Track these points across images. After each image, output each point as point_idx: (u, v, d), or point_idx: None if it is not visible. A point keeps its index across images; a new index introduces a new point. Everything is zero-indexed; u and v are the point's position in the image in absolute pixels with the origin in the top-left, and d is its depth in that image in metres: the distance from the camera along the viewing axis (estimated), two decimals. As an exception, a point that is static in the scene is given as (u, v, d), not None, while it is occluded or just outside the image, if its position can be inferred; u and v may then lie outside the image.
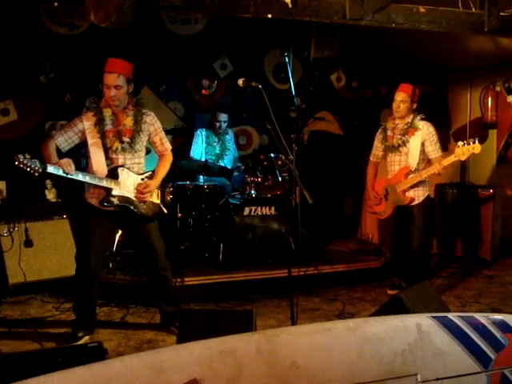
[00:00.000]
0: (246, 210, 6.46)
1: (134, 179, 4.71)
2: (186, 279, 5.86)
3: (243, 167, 6.92)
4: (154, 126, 4.82)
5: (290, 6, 4.85)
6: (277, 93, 8.12)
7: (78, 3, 4.38)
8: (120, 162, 4.65)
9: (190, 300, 5.73)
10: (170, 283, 5.09)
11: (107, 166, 4.59)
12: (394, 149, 5.79)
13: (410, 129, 5.72)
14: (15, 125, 6.85)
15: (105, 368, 2.17)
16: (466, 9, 5.38)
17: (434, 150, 5.68)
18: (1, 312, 5.50)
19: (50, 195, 6.56)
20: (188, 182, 6.85)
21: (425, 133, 5.68)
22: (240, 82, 4.07)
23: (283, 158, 6.05)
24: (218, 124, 7.11)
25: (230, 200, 6.74)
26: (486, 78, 8.25)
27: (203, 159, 6.82)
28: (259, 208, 6.50)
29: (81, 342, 4.65)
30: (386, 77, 8.57)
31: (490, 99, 8.14)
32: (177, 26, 7.57)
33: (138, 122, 4.69)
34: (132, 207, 4.67)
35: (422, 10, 5.29)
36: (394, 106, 5.76)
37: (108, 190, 4.56)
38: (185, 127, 7.85)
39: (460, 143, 5.40)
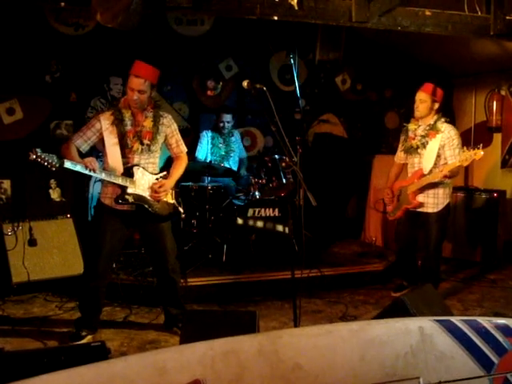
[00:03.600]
0: (250, 212, 6.47)
1: (148, 178, 4.74)
2: (189, 280, 5.87)
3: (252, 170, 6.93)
4: (170, 128, 4.86)
5: (296, 8, 4.85)
6: (282, 95, 8.12)
7: (85, 3, 4.39)
8: (135, 161, 4.68)
9: (193, 301, 5.73)
10: (178, 286, 5.10)
11: (123, 164, 4.62)
12: (414, 150, 5.68)
13: (431, 131, 5.57)
14: (20, 124, 6.86)
15: (108, 368, 2.17)
16: (471, 12, 5.38)
17: (451, 155, 5.50)
18: (4, 310, 5.51)
19: (55, 194, 6.57)
20: (192, 183, 6.85)
21: (445, 136, 5.52)
22: (245, 83, 4.08)
23: (287, 159, 6.04)
24: (221, 124, 7.11)
25: (234, 201, 6.75)
26: (491, 82, 8.24)
27: (208, 160, 6.83)
28: (263, 209, 6.51)
29: (84, 341, 4.65)
30: (391, 80, 8.58)
31: (494, 103, 8.12)
32: (182, 27, 7.57)
33: (156, 124, 4.73)
34: (146, 206, 4.68)
35: (427, 13, 5.29)
36: (415, 105, 5.64)
37: (123, 188, 4.59)
38: (189, 128, 7.86)
39: (464, 148, 5.29)
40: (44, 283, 6.02)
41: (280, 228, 6.53)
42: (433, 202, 5.63)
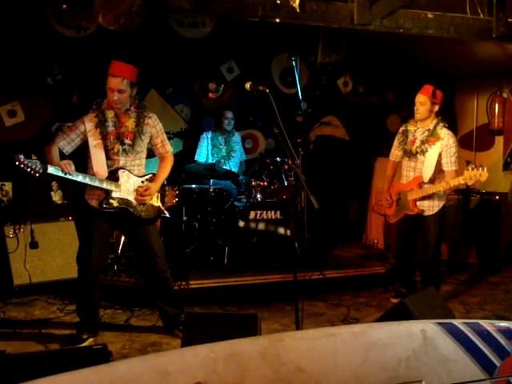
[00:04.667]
0: (252, 214, 6.47)
1: (134, 181, 4.72)
2: (190, 282, 5.86)
3: (249, 173, 6.92)
4: (155, 128, 4.83)
5: (298, 10, 4.85)
6: (283, 97, 8.12)
7: (87, 6, 4.40)
8: (121, 163, 4.66)
9: (195, 303, 5.72)
10: (171, 285, 5.08)
11: (108, 167, 4.60)
12: (412, 155, 5.68)
13: (432, 137, 5.56)
14: (22, 126, 6.86)
15: (109, 370, 2.17)
16: (474, 15, 5.38)
17: (447, 163, 5.52)
18: (5, 313, 5.50)
19: (56, 197, 6.57)
20: (194, 186, 6.85)
21: (444, 143, 5.52)
22: (247, 85, 4.08)
23: (289, 162, 6.05)
24: (226, 121, 7.12)
25: (236, 203, 6.74)
26: (493, 85, 8.24)
27: (209, 162, 6.83)
28: (265, 212, 6.50)
29: (85, 344, 4.66)
30: (393, 82, 8.58)
31: (496, 105, 8.12)
32: (184, 30, 7.58)
33: (139, 123, 4.70)
34: (131, 209, 4.68)
35: (429, 15, 5.30)
36: (415, 108, 5.63)
37: (108, 192, 4.57)
38: (191, 130, 7.85)
39: (469, 167, 5.24)
40: (45, 286, 6.02)
41: (282, 230, 6.53)
42: (428, 204, 5.66)
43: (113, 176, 4.60)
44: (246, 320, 3.81)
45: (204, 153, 7.16)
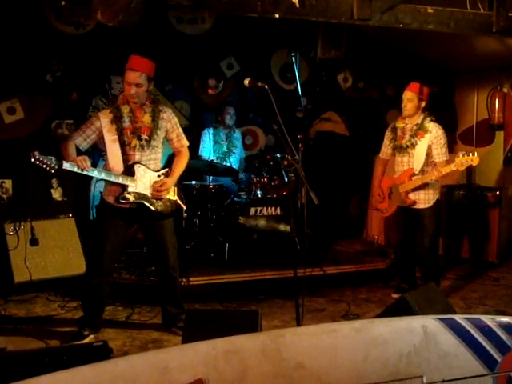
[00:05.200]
0: (252, 210, 6.46)
1: (150, 176, 4.72)
2: (191, 279, 5.86)
3: (252, 170, 6.91)
4: (171, 122, 4.81)
5: (298, 5, 4.84)
6: (283, 93, 8.12)
7: (86, 2, 4.39)
8: (137, 158, 4.65)
9: (195, 300, 5.73)
10: (178, 285, 5.08)
11: (124, 162, 4.60)
12: (402, 149, 5.77)
13: (420, 131, 5.67)
14: (21, 123, 6.86)
15: (110, 367, 2.17)
16: (474, 9, 5.36)
17: (438, 154, 5.64)
18: (6, 310, 5.50)
19: (56, 194, 6.57)
20: (194, 182, 6.85)
21: (433, 136, 5.64)
22: (246, 81, 4.06)
23: (289, 158, 6.04)
24: (227, 117, 7.12)
25: (236, 200, 6.74)
26: (493, 80, 8.23)
27: (212, 158, 6.82)
28: (265, 208, 6.50)
29: (86, 340, 4.66)
30: (393, 78, 8.56)
31: (497, 100, 8.10)
32: (183, 26, 7.56)
33: (155, 118, 4.69)
34: (148, 204, 4.67)
35: (429, 10, 5.28)
36: (402, 104, 5.73)
37: (124, 187, 4.58)
38: (191, 127, 7.85)
39: (460, 153, 5.39)
40: (46, 283, 6.02)
41: (282, 226, 6.53)
42: (424, 198, 5.74)
43: (129, 171, 4.60)
44: (246, 316, 3.81)
45: (207, 148, 7.15)
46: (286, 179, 6.57)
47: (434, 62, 8.48)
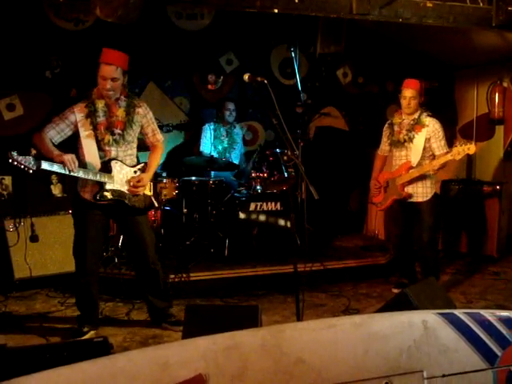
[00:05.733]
0: (252, 206, 6.46)
1: (126, 172, 4.69)
2: (191, 274, 5.86)
3: (250, 166, 6.90)
4: (146, 117, 4.78)
5: (297, 0, 4.83)
6: (283, 88, 8.11)
7: (84, -2, 4.38)
8: (113, 154, 4.62)
9: (196, 295, 5.73)
10: (161, 277, 5.02)
11: (100, 158, 4.56)
12: (400, 144, 5.80)
13: (417, 125, 5.71)
14: (21, 120, 6.85)
15: (110, 363, 2.17)
16: (473, 4, 5.36)
17: (438, 147, 5.66)
18: (7, 307, 5.51)
19: (56, 190, 6.56)
20: (194, 178, 6.85)
21: (430, 129, 5.67)
22: (246, 77, 4.06)
23: (289, 153, 6.04)
24: (227, 113, 7.11)
25: (236, 195, 6.74)
26: (493, 74, 8.22)
27: (212, 153, 6.82)
28: (265, 203, 6.50)
29: (86, 336, 4.66)
30: (393, 72, 8.55)
31: (497, 95, 8.10)
32: (183, 21, 7.55)
33: (130, 113, 4.65)
34: (125, 200, 4.66)
35: (429, 4, 5.28)
36: (405, 103, 5.72)
37: (101, 185, 4.54)
38: (190, 122, 7.85)
39: (457, 143, 5.43)
40: (46, 279, 6.03)
41: (282, 222, 6.53)
42: (422, 191, 5.77)
43: (105, 167, 4.57)
44: (246, 312, 3.81)
45: (208, 143, 7.15)
46: (285, 174, 6.57)
47: (433, 56, 8.47)
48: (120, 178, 4.64)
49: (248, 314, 3.70)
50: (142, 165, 4.83)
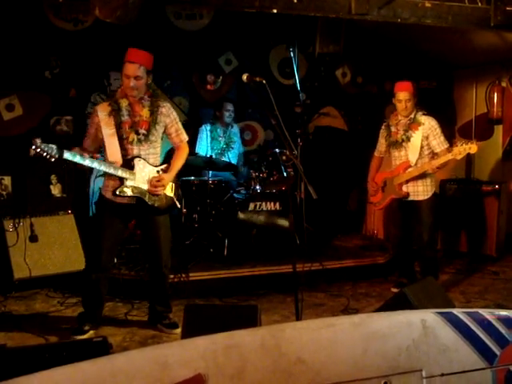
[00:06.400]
0: (251, 206, 6.47)
1: (149, 170, 4.69)
2: (190, 274, 5.87)
3: (245, 167, 6.91)
4: (169, 117, 4.78)
5: (296, 0, 4.84)
6: (282, 88, 8.11)
7: (83, -2, 4.39)
8: (135, 152, 4.63)
9: (195, 295, 5.74)
10: (167, 283, 5.06)
11: (123, 156, 4.58)
12: (398, 144, 5.82)
13: (413, 124, 5.74)
14: (20, 120, 6.85)
15: (109, 363, 2.17)
16: (472, 4, 5.36)
17: (438, 144, 5.69)
18: (6, 307, 5.51)
19: (55, 190, 6.56)
20: (193, 178, 6.85)
21: (427, 127, 5.70)
22: (244, 77, 4.06)
23: (288, 153, 6.04)
24: (226, 114, 7.10)
25: (235, 195, 6.74)
26: (492, 74, 8.22)
27: (209, 154, 6.82)
28: (264, 203, 6.50)
29: (86, 336, 4.67)
30: (392, 72, 8.55)
31: (495, 95, 8.11)
32: (182, 21, 7.55)
33: (154, 113, 4.66)
34: (145, 198, 4.66)
35: (427, 4, 5.28)
36: (401, 106, 5.75)
37: (122, 181, 4.55)
38: (189, 122, 7.85)
39: (458, 142, 5.46)
40: (46, 279, 6.03)
41: (281, 222, 6.53)
42: (422, 189, 5.81)
43: (128, 164, 4.58)
44: (245, 311, 3.81)
45: (204, 145, 7.14)
46: (284, 174, 6.57)
47: (432, 56, 8.48)
48: (142, 176, 4.64)
49: (247, 314, 3.71)
50: (166, 165, 4.83)
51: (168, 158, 7.58)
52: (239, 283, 6.03)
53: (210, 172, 6.73)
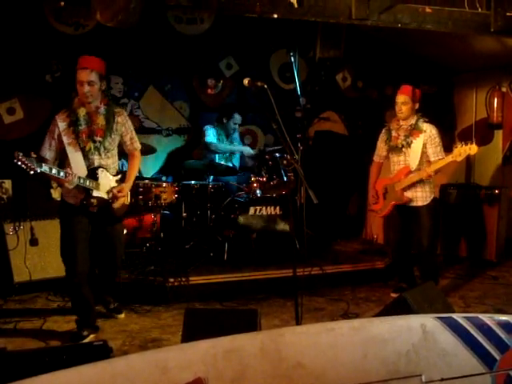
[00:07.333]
0: (251, 210, 6.47)
1: (109, 180, 4.77)
2: (190, 278, 5.86)
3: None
4: (125, 126, 4.84)
5: (296, 6, 4.85)
6: (282, 92, 8.13)
7: (85, 2, 4.41)
8: (96, 162, 4.67)
9: (195, 299, 5.73)
10: (118, 273, 5.35)
11: (86, 166, 4.62)
12: (398, 149, 5.82)
13: (415, 130, 5.73)
14: (21, 124, 6.87)
15: (110, 367, 2.17)
16: (472, 9, 5.37)
17: (434, 153, 5.68)
18: (6, 310, 5.50)
19: (56, 194, 6.56)
20: (193, 182, 6.86)
21: (427, 135, 5.69)
22: (245, 81, 4.07)
23: (288, 157, 6.05)
24: (233, 125, 7.16)
25: (236, 199, 6.74)
26: (492, 79, 8.23)
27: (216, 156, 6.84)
28: (264, 208, 6.51)
29: (86, 340, 4.66)
30: (392, 77, 8.57)
31: (495, 100, 8.12)
32: (182, 26, 7.56)
33: (109, 121, 4.70)
34: (107, 208, 4.74)
35: (428, 10, 5.30)
36: (397, 108, 5.77)
37: (87, 191, 4.59)
38: (190, 127, 7.86)
39: (458, 144, 5.48)
40: (46, 283, 6.02)
41: (281, 226, 6.53)
42: (421, 195, 5.79)
43: (92, 174, 4.63)
44: (245, 315, 3.81)
45: (214, 137, 7.13)
46: (285, 179, 6.58)
47: (432, 61, 8.49)
48: (104, 186, 4.71)
49: (247, 318, 3.71)
50: (121, 175, 4.91)
51: (170, 159, 7.63)
52: (239, 287, 6.03)
53: (211, 176, 6.74)
